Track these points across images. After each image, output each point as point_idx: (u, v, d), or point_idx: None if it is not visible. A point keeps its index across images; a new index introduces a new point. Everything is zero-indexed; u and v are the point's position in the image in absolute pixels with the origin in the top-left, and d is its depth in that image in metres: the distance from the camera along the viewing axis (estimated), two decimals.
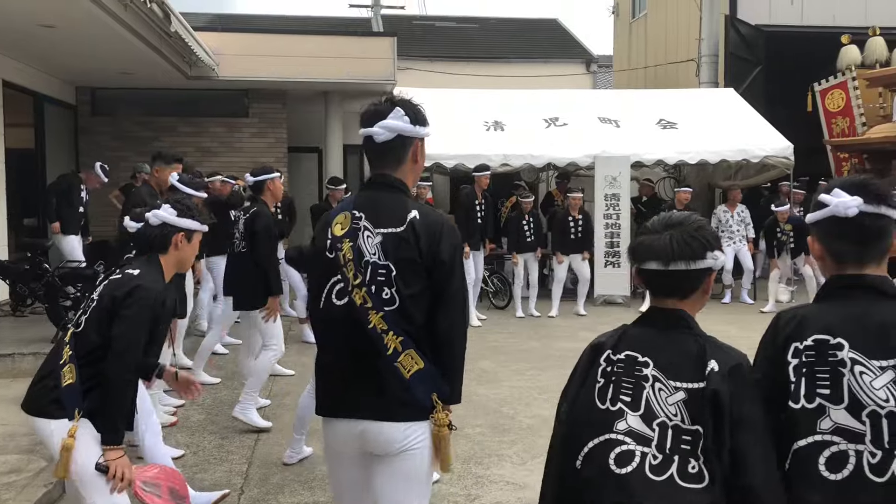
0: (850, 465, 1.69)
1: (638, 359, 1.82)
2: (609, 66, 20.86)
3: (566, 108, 12.10)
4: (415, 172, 2.52)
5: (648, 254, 1.89)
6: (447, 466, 2.45)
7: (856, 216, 1.81)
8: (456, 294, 2.36)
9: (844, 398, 1.72)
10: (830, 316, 1.79)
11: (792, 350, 1.80)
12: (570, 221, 10.18)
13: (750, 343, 6.60)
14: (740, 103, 12.55)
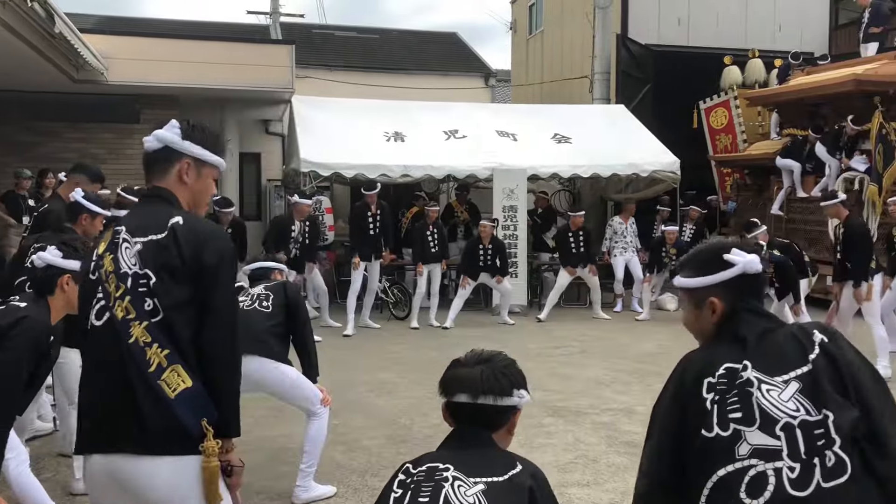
0: (770, 486, 1.70)
1: (439, 467, 1.87)
2: (507, 80, 21.27)
3: (466, 120, 12.26)
4: (189, 193, 2.31)
5: (459, 386, 1.96)
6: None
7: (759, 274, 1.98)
8: (221, 307, 2.15)
9: (756, 417, 1.76)
10: (726, 353, 1.89)
11: (706, 386, 1.84)
12: (481, 249, 10.15)
13: (638, 350, 6.86)
14: (631, 120, 13.04)
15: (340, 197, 14.00)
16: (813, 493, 1.68)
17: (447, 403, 2.00)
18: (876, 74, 10.53)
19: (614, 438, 5.37)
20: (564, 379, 7.16)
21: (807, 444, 1.72)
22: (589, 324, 10.23)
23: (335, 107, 12.38)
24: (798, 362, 1.82)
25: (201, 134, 2.34)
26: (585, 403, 6.29)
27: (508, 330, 9.81)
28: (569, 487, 4.46)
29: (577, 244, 10.58)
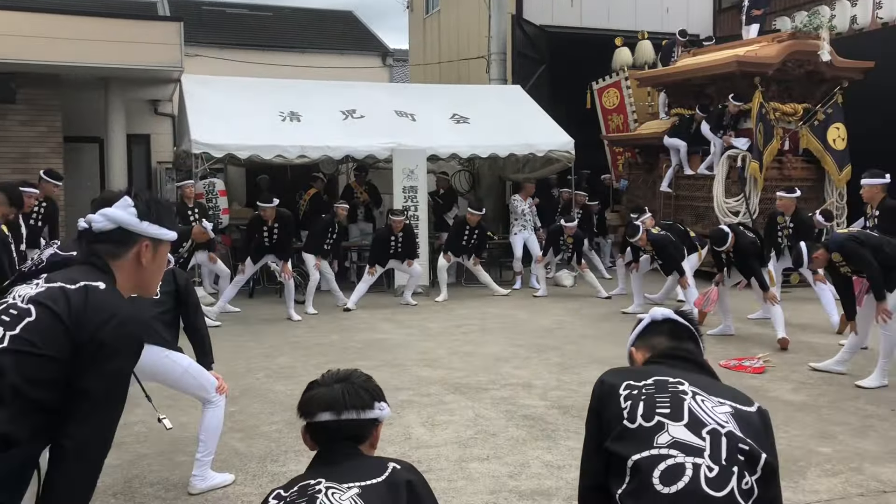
0: (686, 478, 1.73)
1: (310, 483, 1.83)
2: (405, 60, 21.16)
3: (363, 100, 12.13)
4: (139, 276, 2.10)
5: (320, 406, 1.95)
6: None
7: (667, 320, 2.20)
8: None
9: (685, 417, 1.83)
10: (656, 371, 2.00)
11: (624, 386, 1.94)
12: (392, 240, 10.04)
13: (535, 326, 6.99)
14: (527, 100, 13.21)
15: (235, 179, 13.64)
16: (727, 497, 1.72)
17: (308, 425, 1.98)
18: (756, 56, 11.03)
19: (513, 413, 5.47)
20: (465, 356, 7.24)
21: (729, 454, 1.77)
22: (489, 302, 10.37)
23: (227, 86, 12.01)
24: (740, 401, 1.93)
25: (157, 210, 2.12)
26: (485, 379, 6.38)
27: (411, 311, 9.83)
28: (469, 462, 4.52)
29: (469, 239, 10.68)
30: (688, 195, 12.24)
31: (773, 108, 11.13)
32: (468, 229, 10.66)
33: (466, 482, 4.24)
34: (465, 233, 10.69)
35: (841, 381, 6.23)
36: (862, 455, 4.55)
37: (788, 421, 5.20)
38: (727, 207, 11.20)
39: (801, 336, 7.80)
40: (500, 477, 4.31)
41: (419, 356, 7.27)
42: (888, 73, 11.25)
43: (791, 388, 6.07)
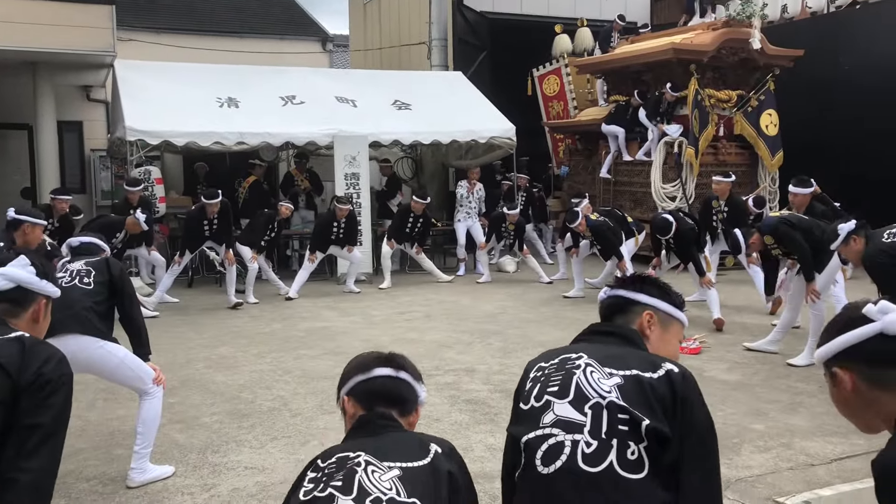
0: (564, 456, 1.75)
1: (349, 455, 1.76)
2: (345, 45, 20.95)
3: (303, 86, 11.97)
4: (34, 331, 2.19)
5: (378, 361, 1.93)
6: None
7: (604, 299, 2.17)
8: None
9: (570, 393, 1.83)
10: (570, 349, 1.99)
11: (536, 368, 1.96)
12: (335, 226, 9.98)
13: (479, 312, 7.03)
14: (468, 86, 13.21)
15: (172, 167, 13.34)
16: (604, 471, 1.72)
17: (354, 388, 1.90)
18: (692, 44, 11.24)
19: (457, 397, 5.50)
20: (409, 343, 7.24)
21: (609, 426, 1.77)
22: (433, 289, 10.38)
23: (162, 71, 11.72)
24: (641, 366, 1.87)
25: (47, 267, 2.25)
26: (429, 365, 6.39)
27: (354, 298, 9.78)
28: None
29: (413, 227, 10.68)
30: (626, 181, 12.44)
31: (709, 94, 11.36)
32: (412, 217, 10.64)
33: None
34: (410, 221, 10.67)
35: (773, 360, 6.43)
36: (792, 431, 4.71)
37: (724, 399, 5.35)
38: (664, 193, 11.42)
39: (735, 317, 8.02)
40: None
41: (363, 344, 7.24)
42: (816, 60, 11.60)
43: (726, 368, 6.25)
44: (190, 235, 9.27)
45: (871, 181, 10.71)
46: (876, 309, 1.57)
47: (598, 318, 2.19)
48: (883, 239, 4.81)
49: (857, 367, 1.61)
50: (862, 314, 1.58)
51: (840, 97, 11.55)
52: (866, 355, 1.59)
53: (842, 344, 1.60)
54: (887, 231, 4.86)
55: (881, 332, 1.56)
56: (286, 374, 6.23)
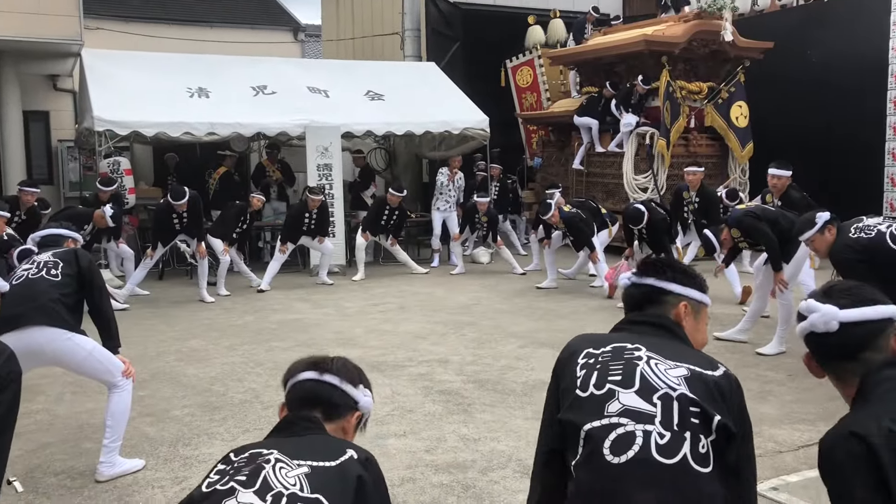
0: (636, 446, 1.71)
1: (262, 452, 1.72)
2: (318, 35, 20.79)
3: (275, 76, 11.87)
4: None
5: (306, 365, 1.93)
6: None
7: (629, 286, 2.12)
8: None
9: (636, 383, 1.79)
10: (618, 338, 1.97)
11: (584, 354, 1.91)
12: (306, 217, 9.87)
13: (453, 303, 7.02)
14: (441, 77, 13.18)
15: (141, 157, 13.17)
16: (679, 463, 1.70)
17: (288, 394, 1.92)
18: (663, 35, 11.30)
19: (430, 388, 5.50)
20: (383, 335, 7.23)
21: (681, 418, 1.74)
22: (407, 280, 10.37)
23: (131, 61, 11.55)
24: (703, 365, 1.86)
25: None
26: (403, 357, 6.39)
27: (327, 290, 9.74)
28: (386, 439, 4.53)
29: (389, 219, 10.64)
30: (599, 172, 12.50)
31: (680, 86, 11.44)
32: (388, 209, 10.61)
33: (382, 458, 4.23)
34: (385, 213, 10.63)
35: (743, 349, 6.51)
36: (761, 418, 4.78)
37: None
38: (636, 184, 11.49)
39: None
40: (417, 452, 4.33)
41: (335, 336, 7.22)
42: (786, 53, 11.72)
43: None
44: (161, 229, 9.15)
45: (839, 173, 10.86)
46: (804, 307, 1.67)
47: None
48: (850, 234, 4.82)
49: (811, 353, 1.74)
50: (799, 311, 1.69)
51: (809, 89, 11.68)
52: (812, 347, 1.71)
53: (797, 333, 1.73)
54: (854, 225, 4.88)
55: (811, 330, 1.67)
56: (258, 366, 6.19)
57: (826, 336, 1.67)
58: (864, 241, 4.67)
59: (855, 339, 1.66)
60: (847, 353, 1.67)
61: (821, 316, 1.66)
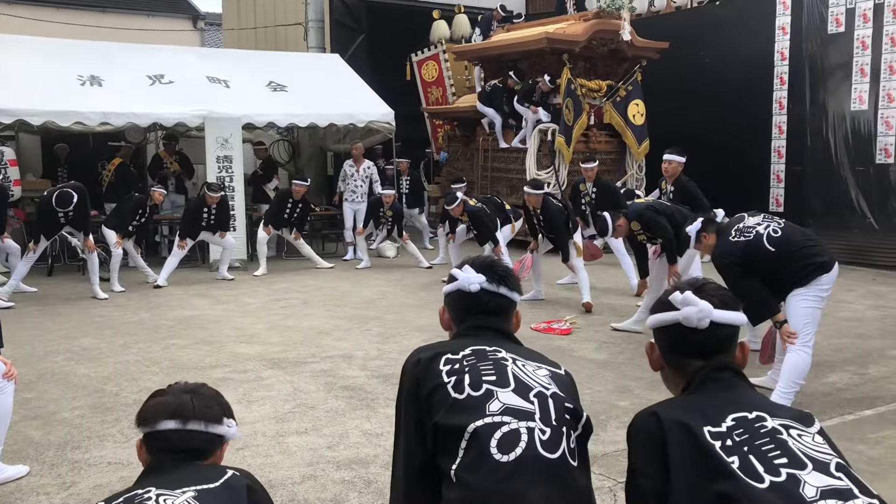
0: (523, 443, 1.73)
1: (138, 492, 1.66)
2: (219, 24, 20.25)
3: (172, 65, 11.49)
4: None
5: (165, 412, 1.79)
6: None
7: (477, 291, 2.05)
8: None
9: (511, 382, 1.82)
10: (470, 342, 1.96)
11: (443, 360, 1.88)
12: (205, 212, 9.62)
13: (357, 298, 7.00)
14: (346, 69, 13.06)
15: (28, 147, 12.50)
16: (560, 458, 1.75)
17: (146, 437, 1.80)
18: (564, 33, 11.53)
19: (333, 384, 5.45)
20: (285, 331, 7.12)
21: (557, 414, 1.79)
22: (311, 275, 10.24)
23: (16, 45, 10.95)
24: (550, 364, 1.96)
25: None
26: (305, 353, 6.31)
27: (228, 285, 9.52)
28: (287, 436, 4.46)
29: (292, 212, 10.47)
30: (503, 167, 12.66)
31: (581, 84, 11.71)
32: (291, 202, 10.44)
33: (283, 456, 4.19)
34: (288, 205, 10.45)
35: (638, 339, 6.73)
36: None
37: (592, 378, 5.56)
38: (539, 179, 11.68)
39: (603, 299, 8.34)
40: (318, 449, 4.29)
41: (236, 332, 7.06)
42: (681, 54, 12.15)
43: (594, 348, 6.49)
44: (44, 221, 8.68)
45: (730, 169, 11.36)
46: (680, 299, 1.67)
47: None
48: (730, 237, 4.92)
49: (661, 345, 1.76)
50: (669, 301, 1.69)
51: (702, 89, 12.15)
52: (667, 339, 1.73)
53: (653, 322, 1.74)
54: (735, 227, 4.96)
55: (679, 321, 1.68)
56: (153, 364, 5.99)
57: (693, 332, 1.66)
58: (741, 244, 4.79)
59: (718, 340, 1.68)
60: (705, 352, 1.68)
61: (698, 311, 1.65)
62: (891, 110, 10.11)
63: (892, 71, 10.08)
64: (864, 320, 7.44)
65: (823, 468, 1.51)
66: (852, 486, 1.51)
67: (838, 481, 1.50)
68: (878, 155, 10.25)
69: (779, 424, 1.57)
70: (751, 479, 1.47)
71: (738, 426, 1.55)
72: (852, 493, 1.49)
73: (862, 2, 10.35)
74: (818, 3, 10.84)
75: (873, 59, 10.25)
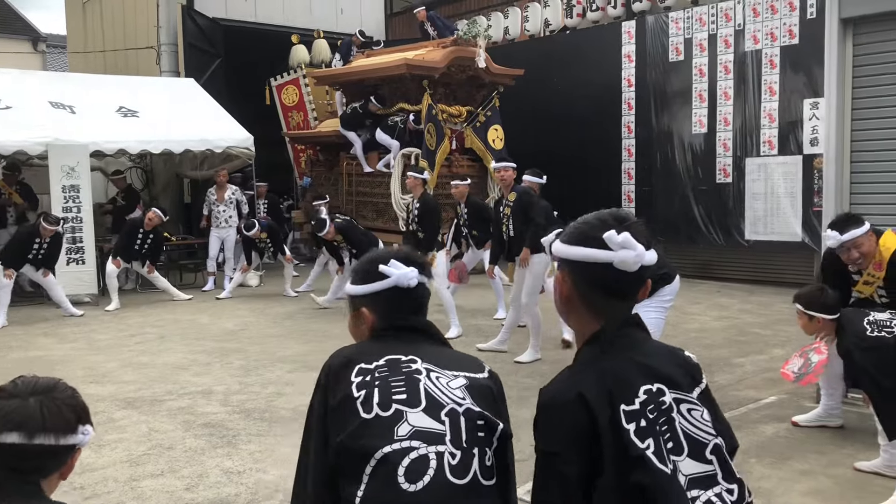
0: (431, 470, 1.64)
1: None
2: (63, 46, 19.20)
3: (10, 90, 10.82)
4: None
5: (7, 423, 1.55)
6: None
7: (416, 286, 1.91)
8: None
9: (422, 401, 1.71)
10: (388, 348, 1.83)
11: (356, 370, 1.76)
12: (36, 243, 8.94)
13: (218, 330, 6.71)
14: (202, 94, 12.69)
15: None
16: (470, 482, 1.66)
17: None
18: (423, 60, 11.69)
19: (191, 422, 5.20)
20: (139, 368, 6.75)
21: (468, 434, 1.70)
22: (168, 308, 9.80)
23: None
24: (472, 368, 1.84)
25: None
26: (162, 390, 6.00)
27: (75, 322, 8.95)
28: (141, 480, 4.21)
29: (143, 243, 10.00)
30: (368, 191, 12.64)
31: (441, 109, 11.89)
32: (142, 232, 9.96)
33: (137, 502, 3.94)
34: (139, 236, 9.97)
35: (504, 358, 6.84)
36: (519, 423, 4.99)
37: None
38: (404, 203, 11.73)
39: (470, 320, 8.44)
40: (176, 491, 4.07)
41: (85, 372, 6.63)
42: (536, 80, 12.59)
43: None
44: None
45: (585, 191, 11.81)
46: (619, 240, 1.55)
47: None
48: None
49: (577, 280, 1.61)
50: (602, 238, 1.56)
51: (557, 114, 12.61)
52: (589, 275, 1.58)
53: (575, 255, 1.59)
54: None
55: (612, 262, 1.55)
56: None
57: (624, 274, 1.55)
58: None
59: (641, 281, 1.59)
60: (628, 293, 1.60)
61: (636, 256, 1.54)
62: (727, 133, 10.87)
63: (726, 97, 10.86)
64: (710, 330, 7.91)
65: (698, 453, 1.51)
66: (718, 471, 1.51)
67: (707, 466, 1.50)
68: (718, 175, 10.98)
69: (673, 399, 1.52)
70: (662, 466, 1.43)
71: (649, 401, 1.49)
72: (715, 480, 1.50)
73: (698, 32, 11.11)
74: (659, 33, 11.55)
75: (710, 85, 11.01)
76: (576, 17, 12.97)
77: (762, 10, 10.45)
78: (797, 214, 10.17)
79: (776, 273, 10.56)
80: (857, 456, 4.34)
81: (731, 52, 10.76)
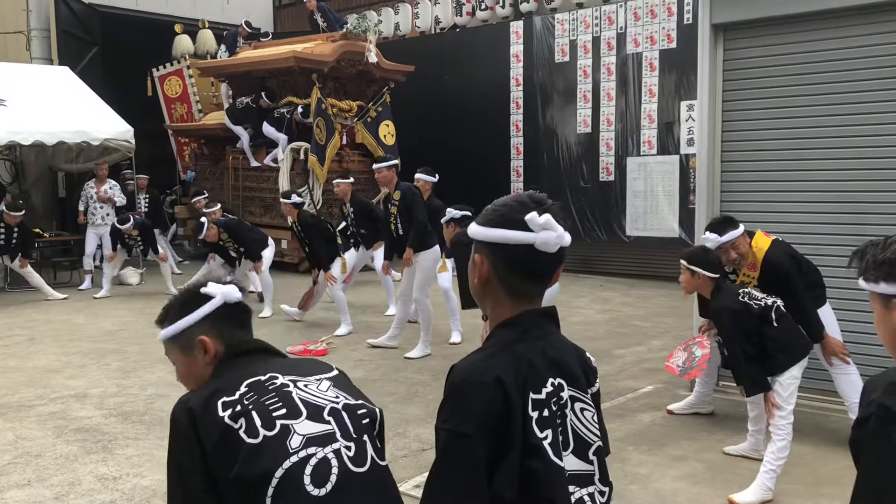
0: (335, 469, 1.66)
1: None
2: None
3: None
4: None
5: None
6: None
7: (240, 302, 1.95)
8: None
9: (301, 410, 1.71)
10: (240, 375, 1.81)
11: (220, 406, 1.69)
12: None
13: (95, 330, 6.46)
14: (77, 83, 12.05)
15: None
16: (371, 467, 1.72)
17: None
18: (312, 53, 11.51)
19: (63, 428, 4.94)
20: (6, 372, 6.36)
21: (355, 425, 1.75)
22: (40, 308, 9.28)
23: None
24: (326, 370, 1.89)
25: None
26: (31, 395, 5.67)
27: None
28: (6, 491, 3.96)
29: (9, 239, 9.54)
30: (255, 186, 12.36)
31: (331, 104, 11.75)
32: (4, 226, 9.41)
33: None
34: (2, 231, 9.41)
35: (393, 354, 6.84)
36: (407, 420, 5.04)
37: None
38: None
39: (361, 316, 8.39)
40: (44, 501, 3.85)
41: None
42: (427, 77, 12.63)
43: (351, 366, 6.48)
44: None
45: (475, 187, 11.90)
46: (541, 221, 1.52)
47: None
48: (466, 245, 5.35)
49: (497, 262, 1.58)
50: (523, 220, 1.53)
51: (448, 111, 12.70)
52: (510, 258, 1.56)
53: (495, 237, 1.55)
54: None
55: (533, 243, 1.53)
56: None
57: (543, 255, 1.54)
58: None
59: (559, 262, 1.58)
60: (545, 275, 1.59)
61: (557, 237, 1.52)
62: (609, 133, 11.24)
63: (609, 98, 11.22)
64: (594, 323, 8.17)
65: (582, 452, 1.55)
66: (596, 472, 1.56)
67: (588, 465, 1.55)
68: (601, 174, 11.34)
69: (569, 396, 1.55)
70: (556, 459, 1.47)
71: (553, 394, 1.51)
72: (591, 480, 1.55)
73: (582, 34, 11.42)
74: (546, 34, 11.80)
75: (594, 86, 11.35)
76: (465, 16, 13.08)
77: (643, 14, 10.86)
78: (674, 212, 10.63)
79: (655, 268, 11.01)
80: (726, 441, 4.58)
81: (614, 54, 11.13)
